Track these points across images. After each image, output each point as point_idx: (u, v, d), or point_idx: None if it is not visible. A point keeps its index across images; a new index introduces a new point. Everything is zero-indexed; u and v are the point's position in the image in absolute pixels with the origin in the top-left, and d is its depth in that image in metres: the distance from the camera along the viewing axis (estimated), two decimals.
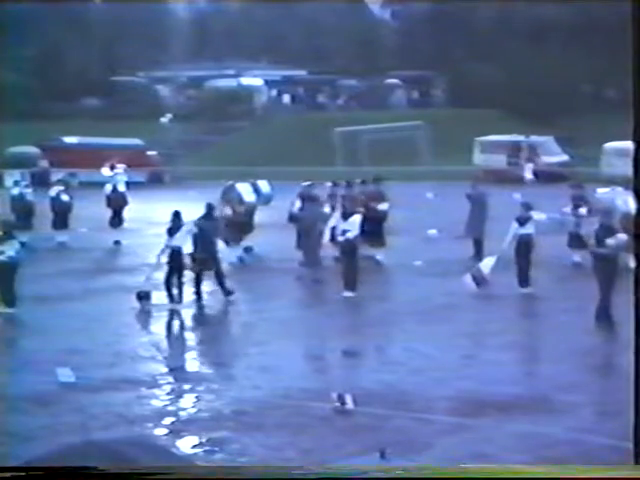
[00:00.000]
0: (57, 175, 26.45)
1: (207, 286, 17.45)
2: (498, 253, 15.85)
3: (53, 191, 22.45)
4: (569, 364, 11.97)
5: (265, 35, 52.02)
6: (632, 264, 11.27)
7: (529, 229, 16.00)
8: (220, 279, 15.77)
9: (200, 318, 15.15)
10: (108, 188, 22.97)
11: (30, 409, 10.57)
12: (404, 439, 9.32)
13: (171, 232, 15.60)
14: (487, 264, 15.84)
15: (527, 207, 16.26)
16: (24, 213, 21.65)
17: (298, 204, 19.35)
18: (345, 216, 16.41)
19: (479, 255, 18.77)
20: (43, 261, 19.15)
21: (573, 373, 11.55)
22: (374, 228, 17.96)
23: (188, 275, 15.65)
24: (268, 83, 49.56)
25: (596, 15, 43.02)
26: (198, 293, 15.62)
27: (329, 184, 20.27)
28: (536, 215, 16.28)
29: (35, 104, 42.52)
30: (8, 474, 5.22)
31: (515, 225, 15.99)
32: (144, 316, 15.06)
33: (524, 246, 15.84)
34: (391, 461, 5.49)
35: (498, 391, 10.83)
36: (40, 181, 27.89)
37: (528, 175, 34.73)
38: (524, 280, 15.84)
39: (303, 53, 51.30)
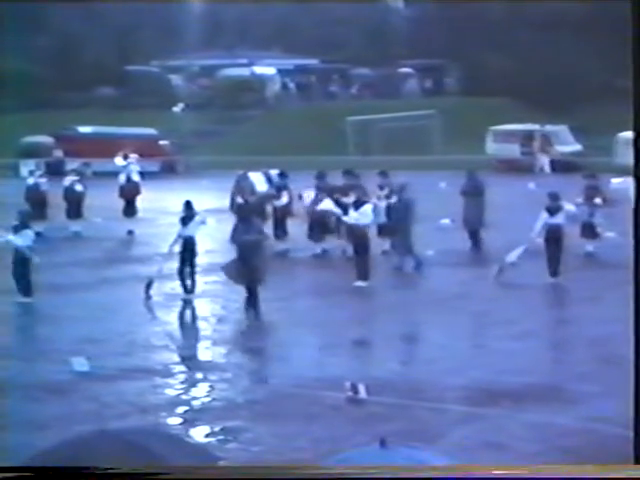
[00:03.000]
0: (71, 165, 26.54)
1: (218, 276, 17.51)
2: (527, 243, 15.85)
3: (67, 181, 22.55)
4: (582, 353, 11.96)
5: (277, 24, 51.94)
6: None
7: (559, 219, 15.95)
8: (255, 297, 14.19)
9: (215, 307, 15.20)
10: (122, 178, 23.04)
11: (45, 397, 10.66)
12: (417, 428, 9.34)
13: (184, 222, 15.65)
14: (514, 253, 15.89)
15: (555, 197, 16.20)
16: (39, 203, 21.76)
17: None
18: (357, 205, 16.43)
19: (477, 246, 18.86)
20: (57, 251, 19.23)
21: (587, 362, 11.54)
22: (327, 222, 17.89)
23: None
24: (280, 72, 49.47)
25: (610, 4, 42.71)
26: (254, 307, 14.10)
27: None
28: (567, 205, 16.26)
29: (49, 94, 42.63)
30: (10, 474, 5.26)
31: (545, 215, 15.94)
32: (157, 306, 15.14)
33: (553, 236, 15.80)
34: (392, 450, 5.52)
35: (511, 380, 10.83)
36: (55, 171, 28.01)
37: (544, 167, 34.57)
38: (554, 270, 15.76)
39: (316, 42, 51.17)
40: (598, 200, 17.94)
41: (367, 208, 16.29)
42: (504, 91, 44.25)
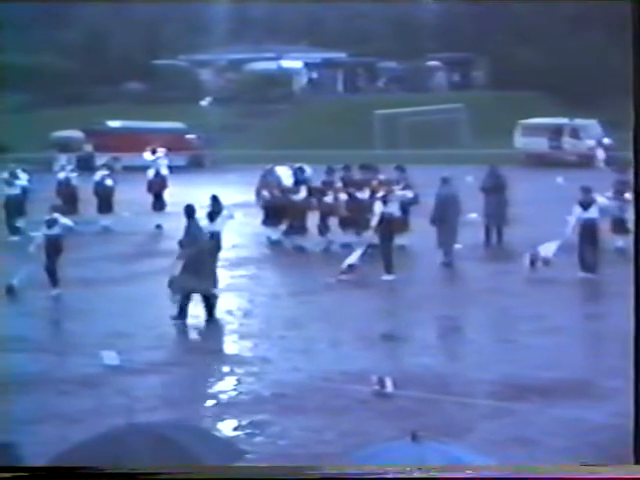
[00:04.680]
0: (101, 159, 26.73)
1: (247, 270, 17.53)
2: (561, 238, 15.75)
3: (98, 175, 22.73)
4: (612, 348, 11.88)
5: (304, 18, 51.91)
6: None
7: (593, 213, 15.79)
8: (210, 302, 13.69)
9: (242, 301, 15.25)
10: (150, 172, 23.16)
11: (76, 391, 10.77)
12: (444, 423, 9.35)
13: (211, 217, 15.70)
14: (549, 247, 15.76)
15: (587, 191, 16.02)
16: (70, 197, 21.97)
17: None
18: (384, 200, 16.43)
19: (499, 243, 18.80)
20: (88, 245, 19.40)
21: (616, 358, 11.46)
22: (357, 215, 17.84)
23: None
24: (307, 66, 49.45)
25: None
26: (209, 316, 13.65)
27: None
28: (600, 198, 16.09)
29: (79, 89, 42.95)
30: (9, 474, 5.33)
31: (578, 210, 15.77)
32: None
33: (588, 231, 15.64)
34: (423, 444, 5.53)
35: (540, 375, 10.79)
36: (85, 165, 28.22)
37: (600, 163, 34.22)
38: (590, 266, 15.64)
39: (343, 35, 51.08)
40: (628, 195, 17.76)
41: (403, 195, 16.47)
42: (533, 85, 43.92)
